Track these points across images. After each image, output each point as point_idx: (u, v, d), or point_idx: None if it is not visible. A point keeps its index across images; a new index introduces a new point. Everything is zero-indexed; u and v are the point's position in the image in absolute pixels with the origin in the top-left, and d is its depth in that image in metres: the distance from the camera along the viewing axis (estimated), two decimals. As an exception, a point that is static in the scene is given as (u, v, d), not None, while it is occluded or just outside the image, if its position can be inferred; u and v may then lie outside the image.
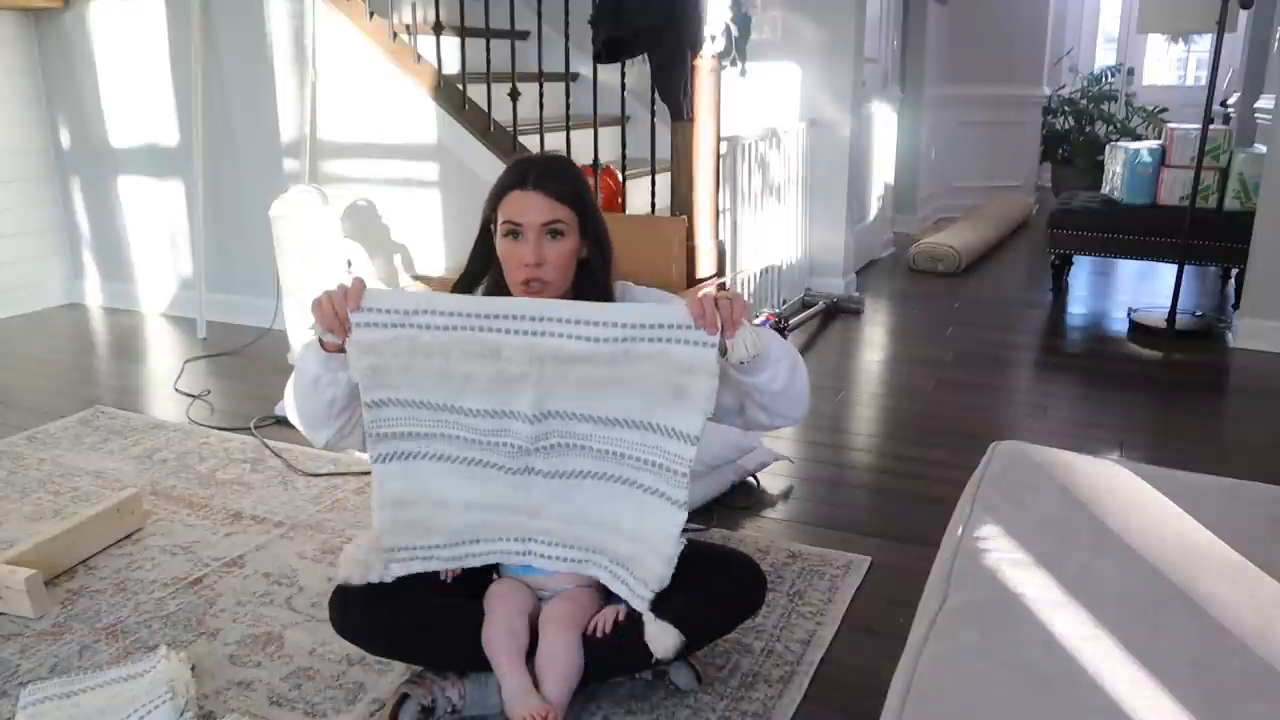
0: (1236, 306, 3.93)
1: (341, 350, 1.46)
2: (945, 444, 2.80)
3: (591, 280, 1.59)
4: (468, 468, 1.55)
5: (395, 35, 3.57)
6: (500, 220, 1.55)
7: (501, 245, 1.56)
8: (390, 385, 1.48)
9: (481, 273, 1.63)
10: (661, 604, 1.51)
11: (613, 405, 1.46)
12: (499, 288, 1.60)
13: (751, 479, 2.52)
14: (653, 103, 3.18)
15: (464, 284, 1.64)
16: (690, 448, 1.44)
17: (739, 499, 2.42)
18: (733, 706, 1.63)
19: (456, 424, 1.51)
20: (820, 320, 4.16)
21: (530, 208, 1.52)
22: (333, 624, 1.61)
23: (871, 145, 5.06)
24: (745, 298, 1.48)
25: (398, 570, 1.55)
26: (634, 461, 1.49)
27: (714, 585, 1.58)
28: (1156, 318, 3.99)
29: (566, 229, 1.53)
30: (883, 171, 5.39)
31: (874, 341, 3.93)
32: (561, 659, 1.51)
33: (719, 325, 1.39)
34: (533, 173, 1.54)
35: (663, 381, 1.42)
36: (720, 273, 3.24)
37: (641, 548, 1.52)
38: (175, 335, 3.96)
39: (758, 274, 3.91)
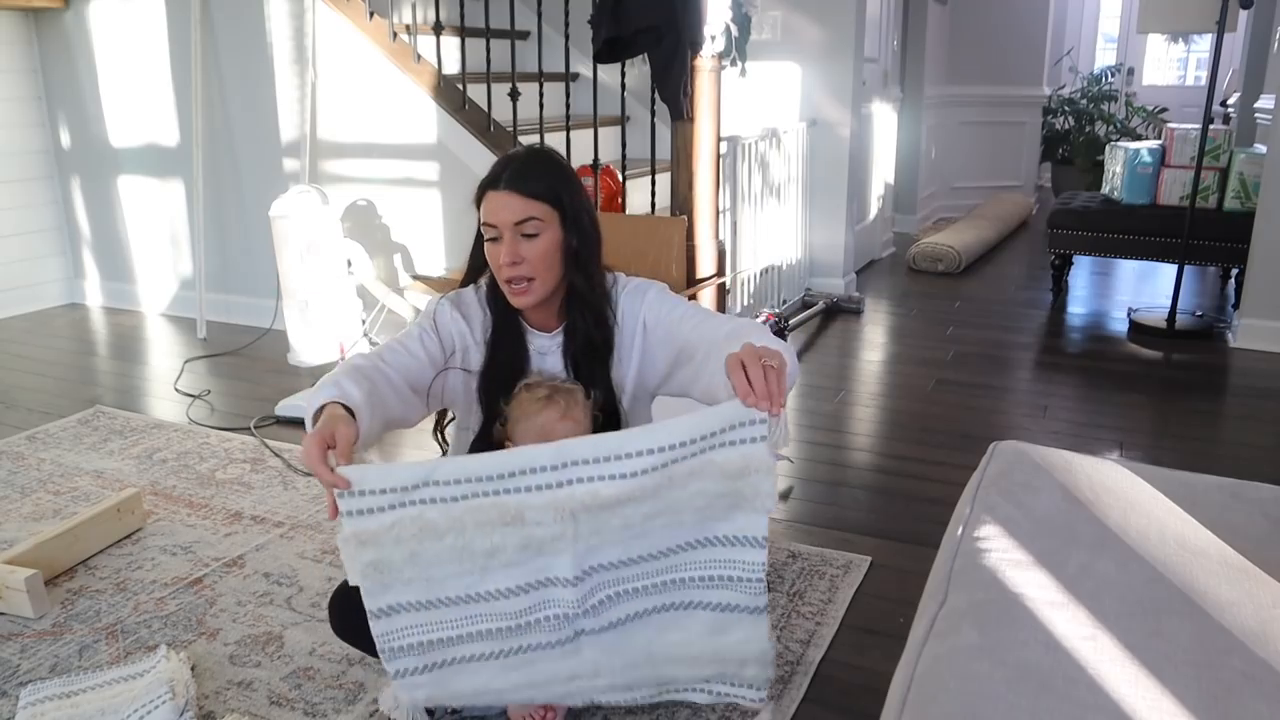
0: (1236, 306, 3.93)
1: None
2: (945, 444, 2.80)
3: (580, 270, 1.57)
4: (506, 659, 1.33)
5: (395, 35, 3.57)
6: (481, 222, 1.55)
7: (486, 248, 1.55)
8: (399, 582, 1.26)
9: (481, 270, 1.63)
10: None
11: (665, 537, 1.28)
12: (497, 288, 1.60)
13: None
14: (653, 103, 3.18)
15: (468, 281, 1.65)
16: (762, 551, 1.27)
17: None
18: (733, 706, 1.63)
19: (486, 614, 1.29)
20: (820, 320, 4.16)
21: (502, 208, 1.50)
22: (332, 626, 1.61)
23: (871, 145, 5.06)
24: (759, 321, 1.30)
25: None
26: (700, 582, 1.31)
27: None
28: (1156, 318, 3.99)
29: (542, 227, 1.51)
30: (883, 171, 5.39)
31: (874, 341, 3.93)
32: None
33: (770, 400, 1.19)
34: (506, 172, 1.52)
35: (715, 496, 1.24)
36: (720, 273, 3.24)
37: (728, 665, 1.36)
38: (175, 335, 3.96)
39: (758, 274, 3.91)
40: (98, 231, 4.33)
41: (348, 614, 1.57)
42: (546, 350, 1.63)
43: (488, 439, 1.61)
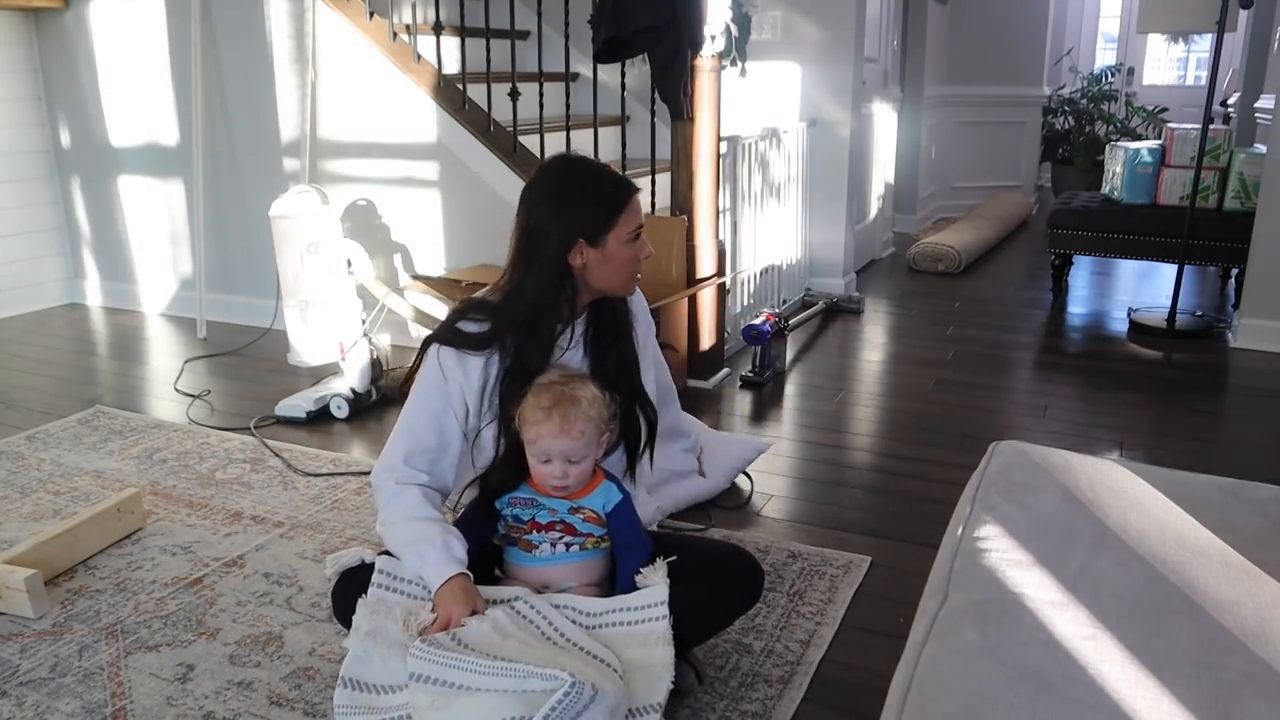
0: (1236, 306, 3.93)
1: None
2: (945, 444, 2.80)
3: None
4: None
5: (395, 35, 3.57)
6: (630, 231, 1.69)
7: (632, 253, 1.69)
8: (377, 659, 1.46)
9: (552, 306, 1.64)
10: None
11: None
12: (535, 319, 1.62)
13: (749, 478, 2.52)
14: (653, 103, 3.18)
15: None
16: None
17: (737, 499, 2.43)
18: (733, 706, 1.63)
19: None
20: (820, 320, 4.16)
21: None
22: (335, 614, 1.61)
23: (871, 145, 5.06)
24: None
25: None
26: None
27: (711, 579, 1.59)
28: (1156, 318, 3.99)
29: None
30: (883, 171, 5.39)
31: (874, 341, 3.93)
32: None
33: None
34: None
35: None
36: (720, 273, 3.25)
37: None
38: (175, 335, 3.96)
39: (758, 274, 3.91)
40: (98, 231, 4.33)
41: (349, 603, 1.57)
42: (566, 345, 1.66)
43: (507, 462, 1.63)
